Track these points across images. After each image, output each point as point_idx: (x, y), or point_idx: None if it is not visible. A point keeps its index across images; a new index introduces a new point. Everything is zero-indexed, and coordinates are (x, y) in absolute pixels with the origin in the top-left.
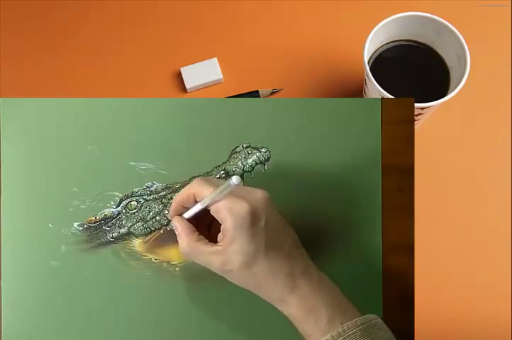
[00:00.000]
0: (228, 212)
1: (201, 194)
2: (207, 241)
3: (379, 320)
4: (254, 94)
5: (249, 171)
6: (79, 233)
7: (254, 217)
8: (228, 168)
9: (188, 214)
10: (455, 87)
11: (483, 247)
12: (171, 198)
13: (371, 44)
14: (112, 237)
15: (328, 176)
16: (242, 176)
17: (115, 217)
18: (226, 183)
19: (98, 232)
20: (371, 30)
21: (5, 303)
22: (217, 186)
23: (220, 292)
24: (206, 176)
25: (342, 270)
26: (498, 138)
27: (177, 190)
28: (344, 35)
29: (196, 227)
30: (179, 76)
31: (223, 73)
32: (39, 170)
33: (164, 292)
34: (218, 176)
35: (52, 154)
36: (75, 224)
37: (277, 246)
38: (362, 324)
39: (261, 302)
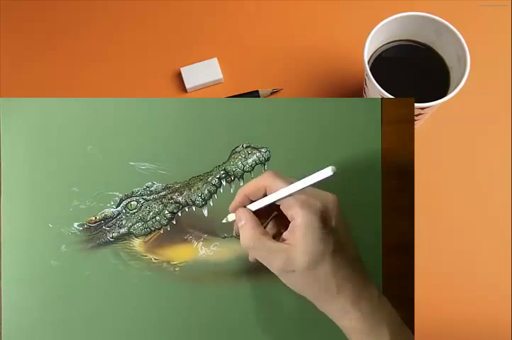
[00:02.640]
0: (301, 209)
1: (275, 188)
2: (271, 237)
3: None
4: (254, 94)
5: (249, 171)
6: (79, 233)
7: (325, 215)
8: (228, 168)
9: (254, 207)
10: (455, 87)
11: (483, 247)
12: (172, 198)
13: (371, 44)
14: (112, 237)
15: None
16: (242, 176)
17: (115, 217)
18: (318, 173)
19: (98, 232)
20: (371, 30)
21: (5, 303)
22: (289, 181)
23: (220, 293)
24: (206, 176)
25: None
26: (498, 138)
27: (177, 190)
28: (345, 35)
29: None
30: (179, 76)
31: (223, 73)
32: (39, 170)
33: (164, 292)
34: (218, 176)
35: (52, 154)
36: (75, 224)
37: (344, 251)
38: None
39: (260, 302)
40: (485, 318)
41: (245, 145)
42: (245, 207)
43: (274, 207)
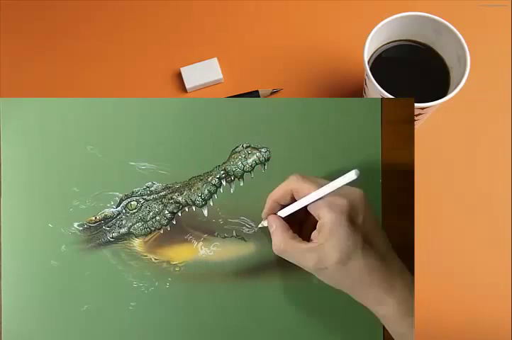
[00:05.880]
0: (328, 208)
1: (302, 191)
2: (301, 239)
3: None
4: (254, 94)
5: (249, 171)
6: (79, 233)
7: (352, 213)
8: (228, 168)
9: (284, 213)
10: (455, 87)
11: (483, 247)
12: (172, 198)
13: (371, 44)
14: (112, 237)
15: (328, 176)
16: (242, 176)
17: (115, 217)
18: (343, 178)
19: (98, 232)
20: (371, 30)
21: (5, 303)
22: (316, 183)
23: (220, 293)
24: (206, 176)
25: None
26: (498, 138)
27: (177, 190)
28: (345, 35)
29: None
30: (179, 76)
31: (223, 73)
32: (39, 170)
33: (163, 293)
34: (218, 176)
35: (52, 154)
36: (75, 224)
37: (373, 245)
38: None
39: (260, 302)
40: (485, 318)
41: (245, 145)
42: (275, 213)
43: (302, 208)
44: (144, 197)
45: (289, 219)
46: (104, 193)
